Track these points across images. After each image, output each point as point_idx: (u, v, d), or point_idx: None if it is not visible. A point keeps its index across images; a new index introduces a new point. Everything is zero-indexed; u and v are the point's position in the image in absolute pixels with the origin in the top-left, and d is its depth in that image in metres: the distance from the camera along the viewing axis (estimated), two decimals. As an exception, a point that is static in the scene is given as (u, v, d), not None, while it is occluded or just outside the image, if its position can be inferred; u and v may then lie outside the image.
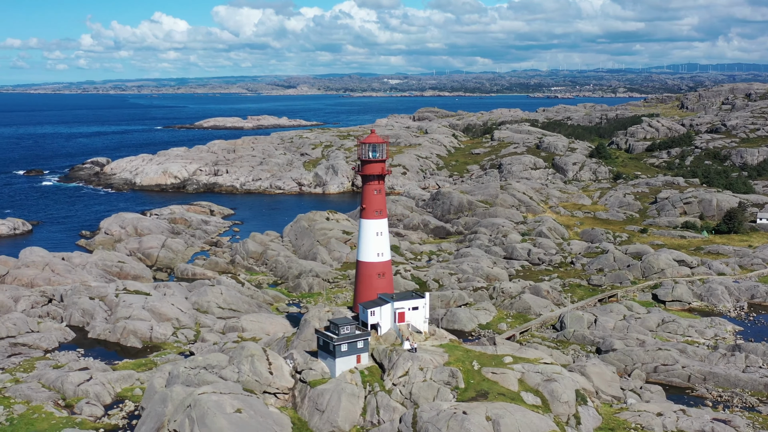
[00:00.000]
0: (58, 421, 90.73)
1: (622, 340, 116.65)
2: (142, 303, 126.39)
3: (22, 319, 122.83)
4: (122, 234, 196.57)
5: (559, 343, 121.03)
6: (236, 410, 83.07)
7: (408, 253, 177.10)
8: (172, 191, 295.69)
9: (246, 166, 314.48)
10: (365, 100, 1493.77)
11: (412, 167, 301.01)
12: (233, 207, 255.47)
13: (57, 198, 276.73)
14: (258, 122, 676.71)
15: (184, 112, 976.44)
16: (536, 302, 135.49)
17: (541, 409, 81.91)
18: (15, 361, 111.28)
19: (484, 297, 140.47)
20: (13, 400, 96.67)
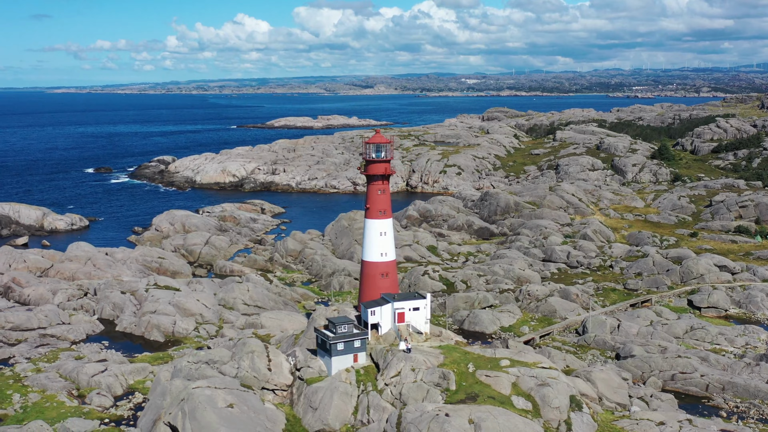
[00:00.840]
0: (66, 410, 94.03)
1: (643, 347, 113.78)
2: (168, 298, 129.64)
3: (54, 311, 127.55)
4: (171, 230, 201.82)
5: (579, 347, 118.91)
6: (228, 405, 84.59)
7: (445, 253, 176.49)
8: (230, 189, 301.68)
9: (303, 165, 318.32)
10: (440, 99, 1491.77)
11: (467, 167, 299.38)
12: (285, 206, 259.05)
13: (118, 195, 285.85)
14: (328, 122, 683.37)
15: (259, 111, 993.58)
16: (563, 306, 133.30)
17: (531, 414, 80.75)
18: (41, 351, 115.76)
19: (510, 299, 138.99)
20: (30, 388, 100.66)
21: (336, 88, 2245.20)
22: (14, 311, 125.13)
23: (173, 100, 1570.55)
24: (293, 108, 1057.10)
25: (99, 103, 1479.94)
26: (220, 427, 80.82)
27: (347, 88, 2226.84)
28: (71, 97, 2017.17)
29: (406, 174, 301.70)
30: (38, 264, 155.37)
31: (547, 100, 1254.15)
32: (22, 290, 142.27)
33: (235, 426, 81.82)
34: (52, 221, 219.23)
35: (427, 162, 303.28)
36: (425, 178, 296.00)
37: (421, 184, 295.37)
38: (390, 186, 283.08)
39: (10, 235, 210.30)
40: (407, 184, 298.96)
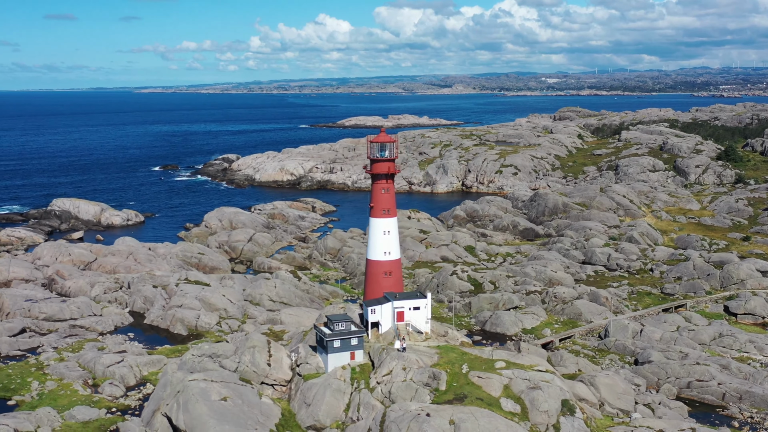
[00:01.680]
0: (78, 398, 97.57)
1: (663, 353, 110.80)
2: (195, 293, 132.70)
3: (87, 303, 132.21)
4: (218, 227, 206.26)
5: (598, 351, 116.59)
6: (222, 398, 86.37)
7: (483, 254, 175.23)
8: (288, 188, 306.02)
9: (360, 164, 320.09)
10: (518, 99, 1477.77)
11: (524, 168, 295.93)
12: (337, 204, 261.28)
13: (178, 192, 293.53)
14: (398, 121, 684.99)
15: (333, 111, 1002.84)
16: (589, 309, 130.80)
17: (518, 417, 79.80)
18: (69, 341, 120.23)
19: (536, 301, 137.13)
20: (49, 376, 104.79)
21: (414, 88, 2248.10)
22: (48, 302, 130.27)
23: (252, 100, 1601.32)
24: (369, 107, 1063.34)
25: (181, 102, 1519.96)
26: (209, 419, 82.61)
27: (425, 88, 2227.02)
28: (157, 96, 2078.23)
29: (461, 174, 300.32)
30: (82, 257, 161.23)
31: (628, 100, 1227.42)
32: (64, 282, 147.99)
33: (226, 419, 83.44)
34: (108, 217, 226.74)
35: (483, 162, 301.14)
36: (480, 178, 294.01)
37: (477, 184, 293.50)
38: (445, 186, 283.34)
39: (68, 229, 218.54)
40: (462, 184, 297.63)
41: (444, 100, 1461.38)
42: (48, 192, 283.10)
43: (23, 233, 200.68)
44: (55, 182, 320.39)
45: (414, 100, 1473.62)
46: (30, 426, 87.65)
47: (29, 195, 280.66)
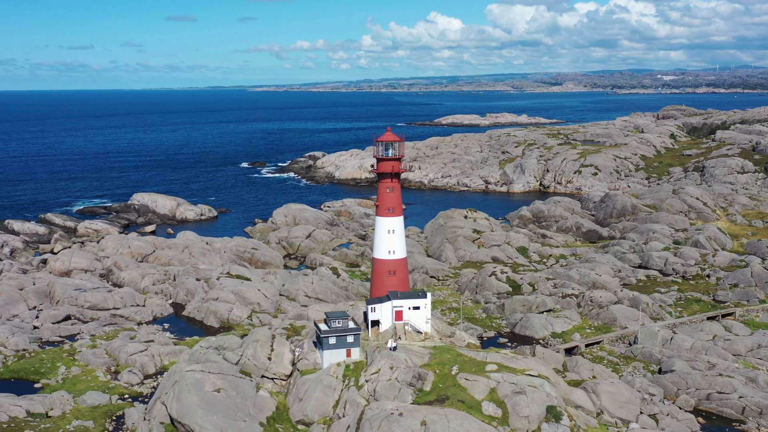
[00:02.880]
0: (96, 384, 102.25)
1: (689, 362, 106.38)
2: (233, 287, 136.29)
3: (131, 293, 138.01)
4: (283, 223, 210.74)
5: (624, 359, 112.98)
6: (216, 389, 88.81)
7: (535, 255, 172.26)
8: (365, 185, 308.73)
9: (439, 162, 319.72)
10: (629, 97, 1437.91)
11: (605, 168, 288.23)
12: (409, 202, 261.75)
13: (258, 188, 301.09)
14: (495, 119, 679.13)
15: (436, 109, 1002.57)
16: (625, 314, 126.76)
17: (497, 421, 78.65)
18: (107, 329, 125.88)
19: (572, 305, 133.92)
20: (76, 363, 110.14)
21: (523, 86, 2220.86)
22: (95, 292, 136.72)
23: (358, 98, 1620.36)
24: (471, 105, 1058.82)
25: (289, 100, 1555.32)
26: (198, 409, 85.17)
27: (535, 86, 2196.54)
28: (268, 95, 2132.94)
29: (539, 173, 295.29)
30: (140, 250, 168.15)
31: (747, 98, 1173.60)
32: (119, 273, 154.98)
33: (215, 409, 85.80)
34: (183, 211, 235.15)
35: (563, 161, 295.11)
36: (558, 178, 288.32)
37: (554, 184, 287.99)
38: (521, 185, 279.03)
39: (144, 222, 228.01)
40: (540, 183, 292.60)
41: (551, 99, 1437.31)
42: (140, 187, 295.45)
43: (99, 225, 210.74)
44: (147, 177, 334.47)
45: (520, 99, 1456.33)
46: (42, 408, 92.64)
47: (121, 189, 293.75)
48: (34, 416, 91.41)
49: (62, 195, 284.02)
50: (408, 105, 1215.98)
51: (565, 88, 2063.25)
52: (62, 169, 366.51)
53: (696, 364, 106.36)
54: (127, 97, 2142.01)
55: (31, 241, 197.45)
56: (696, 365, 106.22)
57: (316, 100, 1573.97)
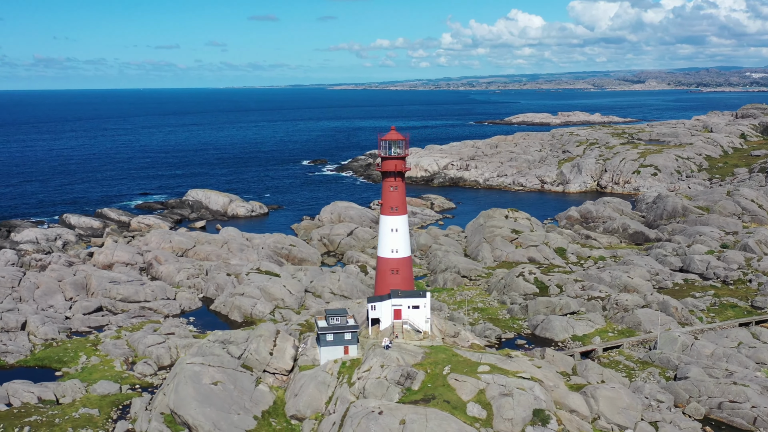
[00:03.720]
0: (110, 374, 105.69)
1: (706, 369, 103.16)
2: (259, 283, 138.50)
3: (162, 287, 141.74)
4: (328, 220, 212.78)
5: (641, 364, 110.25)
6: (213, 382, 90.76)
7: (573, 257, 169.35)
8: (421, 184, 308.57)
9: (495, 161, 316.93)
10: (713, 95, 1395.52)
11: (665, 168, 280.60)
12: (459, 201, 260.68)
13: (313, 186, 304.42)
14: (567, 118, 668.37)
15: (510, 107, 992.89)
16: (650, 318, 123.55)
17: (481, 423, 78.10)
18: (134, 321, 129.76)
19: (597, 307, 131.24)
20: (97, 353, 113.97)
21: (604, 84, 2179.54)
22: (127, 285, 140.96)
23: (434, 96, 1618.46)
24: (547, 104, 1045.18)
25: (366, 99, 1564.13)
26: (192, 401, 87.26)
27: (616, 84, 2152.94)
28: (346, 93, 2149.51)
29: (597, 173, 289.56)
30: (181, 245, 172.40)
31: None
32: (158, 267, 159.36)
33: (209, 402, 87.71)
34: (234, 208, 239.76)
35: (621, 161, 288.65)
36: (616, 178, 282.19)
37: (612, 184, 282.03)
38: (578, 185, 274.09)
39: (196, 218, 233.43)
40: (597, 184, 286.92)
41: (631, 97, 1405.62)
42: (202, 183, 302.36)
43: (152, 220, 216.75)
44: (209, 174, 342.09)
45: (599, 97, 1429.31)
46: (53, 396, 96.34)
47: (182, 185, 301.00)
48: (45, 403, 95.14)
49: (126, 190, 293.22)
50: (483, 103, 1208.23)
51: (647, 86, 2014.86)
52: (131, 166, 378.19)
53: (713, 372, 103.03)
54: (210, 95, 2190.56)
55: (85, 235, 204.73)
56: (713, 373, 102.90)
57: (391, 98, 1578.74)
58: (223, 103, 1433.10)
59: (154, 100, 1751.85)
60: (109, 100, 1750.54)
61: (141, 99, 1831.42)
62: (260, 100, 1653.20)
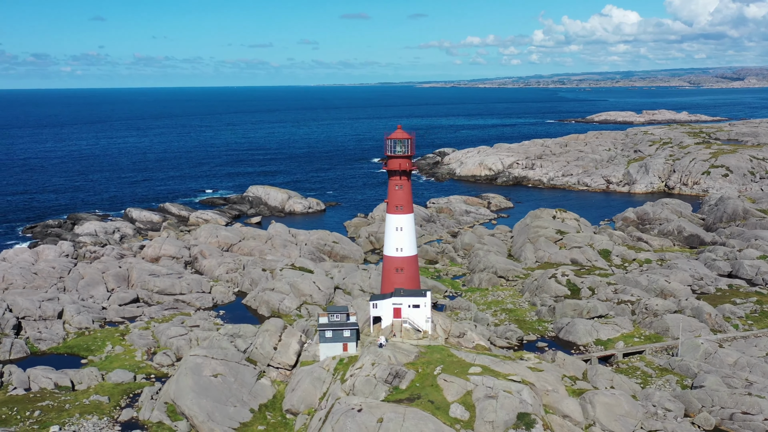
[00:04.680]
0: (129, 363, 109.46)
1: (725, 379, 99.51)
2: (291, 279, 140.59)
3: (197, 280, 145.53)
4: (379, 218, 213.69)
5: (660, 371, 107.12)
6: (214, 374, 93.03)
7: (617, 259, 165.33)
8: (485, 182, 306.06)
9: (561, 161, 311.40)
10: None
11: (738, 169, 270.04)
12: (519, 201, 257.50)
13: (375, 183, 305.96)
14: (652, 117, 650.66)
15: (595, 105, 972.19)
16: (678, 324, 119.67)
17: (462, 424, 77.59)
18: (166, 313, 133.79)
19: (626, 312, 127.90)
20: (123, 342, 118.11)
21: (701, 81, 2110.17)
22: (165, 277, 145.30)
23: (521, 94, 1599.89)
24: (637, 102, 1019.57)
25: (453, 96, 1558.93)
26: (190, 392, 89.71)
27: (713, 81, 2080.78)
28: (434, 91, 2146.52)
29: (665, 174, 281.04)
30: (227, 240, 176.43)
31: None
32: (202, 261, 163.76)
33: (206, 393, 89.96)
34: (291, 204, 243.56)
35: (691, 162, 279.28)
36: (684, 178, 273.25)
37: (680, 185, 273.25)
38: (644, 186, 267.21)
39: (254, 214, 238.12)
40: (665, 184, 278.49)
41: (727, 95, 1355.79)
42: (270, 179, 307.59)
43: (209, 215, 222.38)
44: (278, 170, 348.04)
45: (694, 95, 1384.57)
46: (68, 382, 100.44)
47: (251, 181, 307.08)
48: (61, 389, 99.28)
49: (196, 186, 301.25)
50: (570, 101, 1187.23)
51: (746, 83, 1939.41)
52: (206, 162, 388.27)
53: (732, 381, 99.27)
54: (300, 93, 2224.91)
55: (144, 229, 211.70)
56: (732, 382, 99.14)
57: (478, 96, 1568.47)
58: (309, 101, 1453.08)
59: (246, 97, 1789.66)
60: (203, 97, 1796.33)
61: (233, 96, 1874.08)
62: (347, 97, 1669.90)
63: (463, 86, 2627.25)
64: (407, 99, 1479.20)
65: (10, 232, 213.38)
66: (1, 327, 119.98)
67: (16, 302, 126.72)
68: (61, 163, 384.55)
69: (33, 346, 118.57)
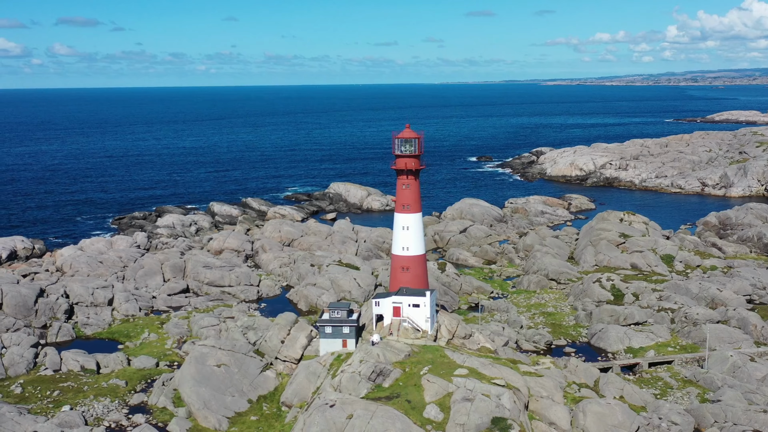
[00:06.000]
0: (157, 350, 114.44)
1: (746, 394, 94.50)
2: (333, 275, 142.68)
3: (246, 273, 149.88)
4: (450, 216, 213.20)
5: (683, 382, 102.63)
6: (217, 364, 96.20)
7: (680, 265, 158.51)
8: (575, 183, 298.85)
9: (657, 162, 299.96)
10: None
11: None
12: (602, 203, 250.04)
13: (462, 181, 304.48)
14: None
15: (723, 104, 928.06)
16: (718, 335, 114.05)
17: (434, 426, 77.43)
18: (209, 304, 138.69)
19: (665, 320, 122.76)
20: (159, 330, 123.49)
21: None
22: (216, 269, 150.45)
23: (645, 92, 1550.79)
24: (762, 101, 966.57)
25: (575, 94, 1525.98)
26: (190, 379, 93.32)
27: None
28: (559, 89, 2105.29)
29: (765, 177, 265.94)
30: (289, 235, 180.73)
31: None
32: (262, 255, 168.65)
33: (206, 382, 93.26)
34: (369, 201, 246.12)
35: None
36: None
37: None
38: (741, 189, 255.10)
39: (333, 210, 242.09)
40: (765, 188, 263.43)
41: None
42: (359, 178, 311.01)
43: (286, 211, 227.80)
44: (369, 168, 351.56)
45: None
46: (94, 365, 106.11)
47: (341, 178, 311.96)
48: (86, 371, 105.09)
49: (288, 181, 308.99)
50: (695, 100, 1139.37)
51: None
52: (305, 159, 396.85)
53: (754, 397, 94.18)
54: (424, 91, 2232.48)
55: (222, 222, 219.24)
56: (754, 398, 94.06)
57: (602, 94, 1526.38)
58: (431, 99, 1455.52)
59: (368, 95, 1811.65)
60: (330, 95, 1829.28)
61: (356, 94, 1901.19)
62: (467, 95, 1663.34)
63: (589, 84, 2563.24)
64: (528, 97, 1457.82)
65: (100, 222, 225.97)
66: (54, 311, 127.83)
67: (72, 289, 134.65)
68: (172, 157, 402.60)
69: (80, 330, 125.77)
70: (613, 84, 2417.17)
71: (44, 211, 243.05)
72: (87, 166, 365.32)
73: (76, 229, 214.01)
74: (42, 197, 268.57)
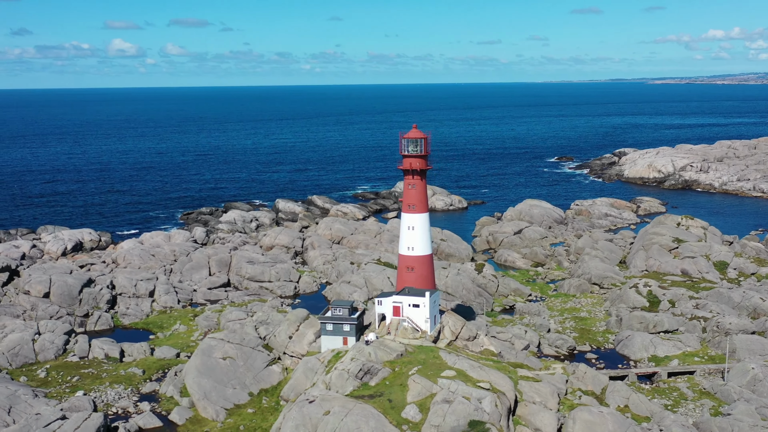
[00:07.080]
0: (182, 341, 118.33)
1: (760, 409, 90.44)
2: (367, 273, 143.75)
3: (286, 269, 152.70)
4: (509, 217, 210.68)
5: (700, 394, 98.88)
6: (223, 357, 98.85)
7: (733, 272, 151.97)
8: (653, 185, 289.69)
9: (740, 164, 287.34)
10: None
11: None
12: (674, 206, 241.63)
13: (537, 182, 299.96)
14: None
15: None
16: (749, 346, 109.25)
17: (410, 426, 77.69)
18: (246, 299, 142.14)
19: (696, 329, 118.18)
20: (190, 323, 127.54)
21: None
22: (258, 265, 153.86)
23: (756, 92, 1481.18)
24: None
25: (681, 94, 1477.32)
26: (195, 371, 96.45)
27: None
28: (667, 88, 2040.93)
29: None
30: (339, 233, 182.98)
31: None
32: (310, 252, 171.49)
33: (210, 374, 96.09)
34: (434, 201, 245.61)
35: None
36: None
37: None
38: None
39: (396, 209, 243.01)
40: None
41: None
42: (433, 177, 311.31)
43: (348, 209, 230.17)
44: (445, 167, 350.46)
45: None
46: (117, 354, 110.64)
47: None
48: (109, 359, 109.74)
49: (361, 179, 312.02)
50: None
51: None
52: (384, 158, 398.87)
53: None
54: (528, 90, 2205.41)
55: (285, 219, 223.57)
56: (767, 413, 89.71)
57: (710, 93, 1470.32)
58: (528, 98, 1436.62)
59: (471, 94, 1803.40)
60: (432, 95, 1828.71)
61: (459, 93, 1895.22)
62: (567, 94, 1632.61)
63: (699, 83, 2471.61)
64: (632, 96, 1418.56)
65: (170, 216, 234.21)
66: (96, 301, 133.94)
67: (118, 280, 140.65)
68: (257, 156, 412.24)
69: (118, 320, 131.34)
70: (724, 83, 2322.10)
71: (123, 205, 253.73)
72: (174, 162, 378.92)
73: (149, 224, 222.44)
74: (126, 192, 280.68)
